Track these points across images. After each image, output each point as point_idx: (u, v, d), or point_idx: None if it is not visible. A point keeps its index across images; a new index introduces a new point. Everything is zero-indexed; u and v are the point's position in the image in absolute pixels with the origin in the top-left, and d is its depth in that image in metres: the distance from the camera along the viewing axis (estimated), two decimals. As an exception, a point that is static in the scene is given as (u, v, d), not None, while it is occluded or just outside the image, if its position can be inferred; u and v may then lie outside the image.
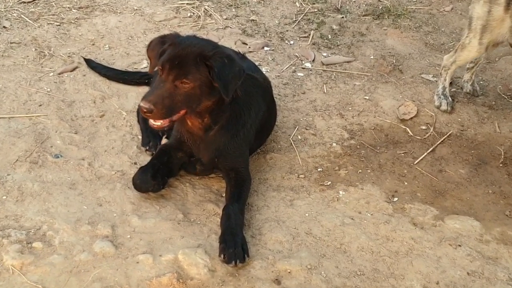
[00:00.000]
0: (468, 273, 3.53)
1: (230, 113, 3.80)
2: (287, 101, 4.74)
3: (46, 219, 3.58)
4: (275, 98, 4.46)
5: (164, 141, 4.12)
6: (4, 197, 3.71)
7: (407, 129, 4.61)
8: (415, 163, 4.33)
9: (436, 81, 5.01)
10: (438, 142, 4.51)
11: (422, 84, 5.08)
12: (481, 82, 5.16)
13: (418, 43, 5.60)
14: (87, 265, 3.36)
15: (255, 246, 3.57)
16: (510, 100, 4.99)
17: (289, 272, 3.44)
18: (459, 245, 3.69)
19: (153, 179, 3.77)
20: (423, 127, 4.64)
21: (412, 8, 6.07)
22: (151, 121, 3.52)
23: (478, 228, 3.81)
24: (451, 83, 4.90)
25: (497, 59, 5.46)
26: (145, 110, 3.42)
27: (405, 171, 4.25)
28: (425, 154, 4.40)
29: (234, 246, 3.43)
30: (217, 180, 4.01)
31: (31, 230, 3.51)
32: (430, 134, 4.58)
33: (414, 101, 4.87)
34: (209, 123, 3.75)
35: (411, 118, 4.71)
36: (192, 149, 3.86)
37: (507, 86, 5.15)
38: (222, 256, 3.41)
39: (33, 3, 5.50)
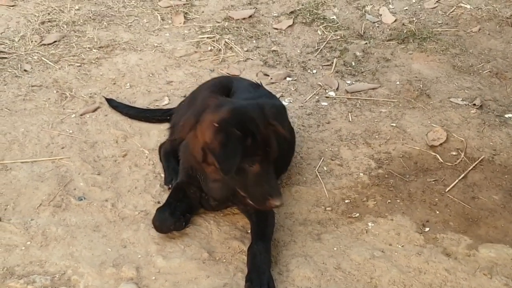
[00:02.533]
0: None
1: None
2: (312, 132, 4.75)
3: (70, 263, 3.60)
4: (299, 129, 4.47)
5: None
6: (29, 243, 3.74)
7: (437, 155, 4.59)
8: (446, 190, 4.29)
9: (466, 104, 5.00)
10: (469, 168, 4.47)
11: (451, 109, 5.06)
12: (512, 104, 5.13)
13: (445, 66, 5.58)
14: (112, 309, 3.39)
15: (282, 283, 3.56)
16: (546, 122, 4.94)
17: (318, 310, 3.44)
18: (495, 275, 3.65)
19: (172, 217, 3.77)
20: (454, 153, 4.62)
21: (438, 31, 6.06)
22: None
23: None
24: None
25: (529, 79, 5.44)
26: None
27: (436, 199, 4.21)
28: (457, 181, 4.37)
29: (259, 285, 3.43)
30: (241, 216, 4.00)
31: (56, 275, 3.54)
32: (461, 160, 4.55)
33: (443, 126, 4.85)
34: None
35: (441, 144, 4.68)
36: (201, 183, 3.86)
37: (540, 106, 5.12)
38: (248, 294, 3.41)
39: (53, 45, 5.58)
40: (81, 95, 5.00)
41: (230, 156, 3.48)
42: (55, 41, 5.63)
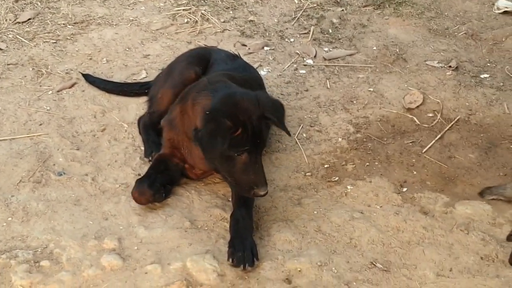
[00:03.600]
0: (481, 258, 3.57)
1: None
2: (290, 100, 4.78)
3: (52, 237, 3.64)
4: (277, 97, 4.50)
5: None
6: (10, 219, 3.77)
7: (414, 118, 4.65)
8: (423, 151, 4.36)
9: (442, 67, 5.05)
10: (446, 129, 4.54)
11: (427, 71, 5.11)
12: (488, 64, 5.17)
13: (421, 29, 5.62)
14: (95, 279, 3.41)
15: (264, 247, 3.62)
16: (520, 81, 5.00)
17: (299, 271, 3.48)
18: (472, 230, 3.72)
19: (151, 188, 3.80)
20: (430, 115, 4.68)
21: (413, -6, 6.09)
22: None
23: (490, 212, 3.84)
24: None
25: (504, 39, 5.47)
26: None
27: (414, 160, 4.28)
28: (433, 141, 4.43)
29: (243, 250, 3.48)
30: (223, 185, 4.05)
31: (38, 249, 3.57)
32: (438, 121, 4.61)
33: (419, 89, 4.91)
34: None
35: (417, 106, 4.74)
36: (185, 155, 3.92)
37: (515, 66, 5.17)
38: (230, 260, 3.46)
39: (28, 23, 5.56)
40: (58, 72, 5.01)
41: (216, 146, 3.51)
42: (29, 19, 5.61)
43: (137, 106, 4.60)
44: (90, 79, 4.86)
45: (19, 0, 5.84)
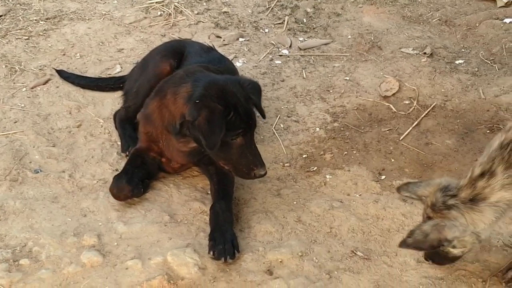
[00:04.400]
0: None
1: None
2: (267, 91, 4.78)
3: (31, 235, 3.62)
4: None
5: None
6: (-13, 218, 3.76)
7: (390, 105, 4.68)
8: (400, 139, 4.39)
9: (417, 54, 5.08)
10: (422, 115, 4.57)
11: (402, 59, 5.14)
12: (463, 50, 5.20)
13: (395, 17, 5.65)
14: (76, 276, 3.41)
15: (245, 239, 3.64)
16: (494, 65, 5.04)
17: (280, 262, 3.50)
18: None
19: (129, 184, 3.80)
20: (407, 102, 4.70)
21: (386, -18, 6.11)
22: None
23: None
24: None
25: (477, 24, 5.50)
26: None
27: (391, 148, 4.31)
28: (410, 128, 4.46)
29: (223, 243, 3.49)
30: (201, 178, 4.06)
31: (16, 248, 3.56)
32: (414, 108, 4.64)
33: (395, 76, 4.93)
34: None
35: (394, 94, 4.77)
36: (163, 149, 3.91)
37: (489, 51, 5.20)
38: (211, 253, 3.46)
39: (0, 19, 5.52)
40: (31, 68, 4.97)
41: (216, 131, 3.52)
42: (0, 16, 5.57)
43: (113, 101, 4.57)
44: (64, 75, 4.83)
45: (-10, -3, 5.79)
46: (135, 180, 3.85)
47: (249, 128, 3.64)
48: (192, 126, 3.56)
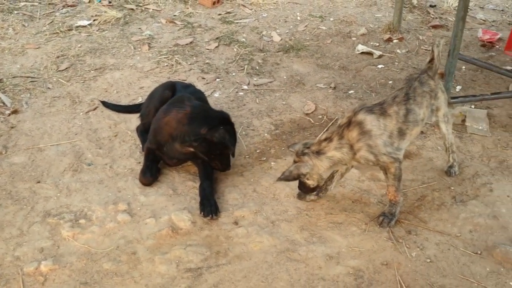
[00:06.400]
0: (352, 202, 3.64)
1: None
2: (234, 112, 4.77)
3: (86, 205, 3.60)
4: (226, 110, 4.48)
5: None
6: (58, 194, 3.71)
7: (310, 119, 4.68)
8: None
9: (326, 87, 5.12)
10: (329, 124, 4.58)
11: (317, 90, 5.15)
12: (353, 84, 5.25)
13: (312, 65, 5.66)
14: (114, 229, 3.40)
15: (221, 204, 3.63)
16: (372, 93, 5.09)
17: (243, 216, 3.51)
18: (346, 185, 3.79)
19: (151, 176, 3.78)
20: (320, 117, 4.72)
21: (307, 44, 6.13)
22: None
23: (356, 172, 3.91)
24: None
25: (362, 69, 5.56)
26: None
27: (311, 145, 4.32)
28: (322, 133, 4.44)
29: (209, 206, 3.49)
30: (192, 166, 4.04)
31: (77, 213, 3.53)
32: (325, 120, 4.66)
33: (313, 101, 4.94)
34: None
35: (312, 112, 4.78)
36: (166, 148, 3.85)
37: (369, 85, 5.25)
38: (202, 213, 3.46)
39: (66, 70, 5.42)
40: (85, 100, 4.90)
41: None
42: (66, 68, 5.48)
43: (136, 119, 4.52)
44: (106, 104, 4.78)
45: (60, 56, 5.70)
46: (153, 172, 3.82)
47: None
48: (205, 139, 3.64)
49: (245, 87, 5.25)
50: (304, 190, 3.40)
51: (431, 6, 7.20)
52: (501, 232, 3.32)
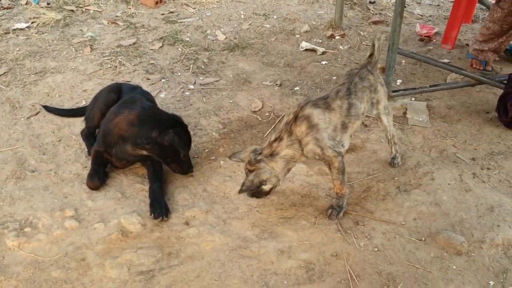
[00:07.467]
0: (301, 196, 3.70)
1: None
2: (181, 112, 4.75)
3: (31, 212, 3.50)
4: (172, 111, 4.48)
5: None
6: (1, 203, 3.59)
7: (258, 117, 4.72)
8: (264, 136, 4.44)
9: (272, 84, 5.18)
10: (276, 121, 4.64)
11: (263, 88, 5.21)
12: (299, 81, 5.33)
13: (258, 63, 5.72)
14: (62, 236, 3.32)
15: (171, 205, 3.62)
16: (317, 89, 5.20)
17: (193, 216, 3.51)
18: (295, 180, 3.85)
19: (98, 180, 3.72)
20: (267, 114, 4.77)
21: (252, 42, 6.18)
22: None
23: (305, 167, 3.99)
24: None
25: (306, 66, 5.66)
26: None
27: (259, 142, 4.35)
28: (270, 129, 4.53)
29: (160, 208, 3.47)
30: (141, 169, 4.00)
31: (22, 221, 3.43)
32: (272, 117, 4.71)
33: (260, 98, 4.99)
34: None
35: (259, 109, 4.82)
36: (116, 150, 3.79)
37: (314, 81, 5.36)
38: (153, 215, 3.44)
39: (4, 75, 5.24)
40: (26, 105, 4.74)
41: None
42: (5, 72, 5.29)
43: (80, 123, 4.41)
44: (49, 109, 4.64)
45: (-5, 60, 5.51)
46: (101, 176, 3.76)
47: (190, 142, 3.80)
48: (165, 138, 3.60)
49: (191, 86, 5.23)
50: (260, 196, 3.42)
51: (370, 2, 7.42)
52: (443, 218, 3.48)
